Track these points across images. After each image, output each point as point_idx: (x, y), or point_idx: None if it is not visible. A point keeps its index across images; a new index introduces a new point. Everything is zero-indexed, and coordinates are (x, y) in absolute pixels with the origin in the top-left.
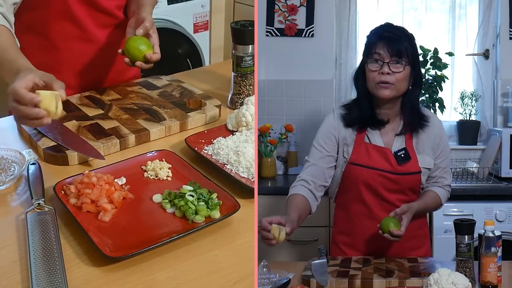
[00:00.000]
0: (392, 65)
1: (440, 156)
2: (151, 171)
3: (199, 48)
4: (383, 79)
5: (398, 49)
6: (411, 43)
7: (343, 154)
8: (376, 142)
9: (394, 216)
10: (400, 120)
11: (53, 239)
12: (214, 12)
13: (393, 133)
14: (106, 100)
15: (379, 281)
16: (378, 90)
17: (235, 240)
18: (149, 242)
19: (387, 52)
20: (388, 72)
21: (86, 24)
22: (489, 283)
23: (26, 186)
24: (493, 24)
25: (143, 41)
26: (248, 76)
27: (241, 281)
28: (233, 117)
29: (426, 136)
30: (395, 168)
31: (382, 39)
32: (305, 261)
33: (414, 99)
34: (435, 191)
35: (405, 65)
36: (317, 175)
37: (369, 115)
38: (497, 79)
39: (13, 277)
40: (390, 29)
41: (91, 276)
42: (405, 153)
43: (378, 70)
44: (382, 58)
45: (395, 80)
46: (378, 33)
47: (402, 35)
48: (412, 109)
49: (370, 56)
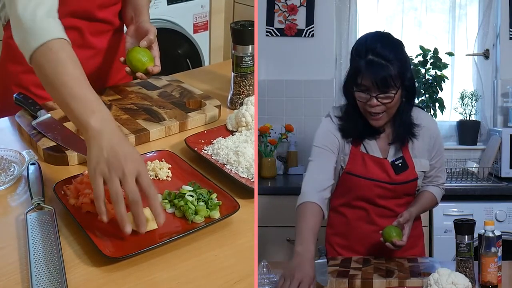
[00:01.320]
0: (380, 97)
1: (435, 156)
2: (151, 171)
3: (199, 48)
4: (373, 110)
5: (385, 80)
6: (399, 61)
7: (340, 162)
8: (373, 151)
9: (397, 225)
10: (392, 127)
11: (53, 239)
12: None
13: (388, 140)
14: (106, 100)
15: (379, 281)
16: (370, 120)
17: (235, 240)
18: (149, 242)
19: (374, 85)
20: (377, 104)
21: (84, 32)
22: (489, 283)
23: (26, 186)
24: (493, 24)
25: (146, 53)
26: (248, 76)
27: (241, 281)
28: (233, 117)
29: (421, 139)
30: (392, 179)
31: (367, 67)
32: None
33: (405, 113)
34: (431, 191)
35: (394, 94)
36: (325, 175)
37: (364, 128)
38: (497, 79)
39: (13, 277)
40: (375, 48)
41: (91, 276)
42: (402, 162)
43: (366, 102)
44: (369, 90)
45: (385, 108)
46: (362, 55)
47: (389, 55)
48: (402, 124)
49: (357, 86)
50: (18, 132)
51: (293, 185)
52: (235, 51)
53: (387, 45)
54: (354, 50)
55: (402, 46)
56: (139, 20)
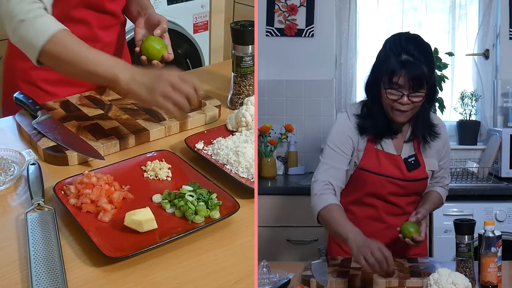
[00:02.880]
0: (411, 95)
1: (444, 157)
2: (151, 171)
3: (199, 48)
4: (401, 108)
5: (419, 79)
6: (430, 62)
7: (354, 159)
8: (388, 148)
9: (415, 221)
10: (409, 126)
11: (53, 239)
12: (214, 12)
13: (403, 139)
14: (106, 100)
15: (379, 281)
16: (394, 115)
17: (235, 240)
18: (149, 242)
19: (408, 84)
20: (408, 102)
21: (92, 26)
22: (489, 283)
23: (26, 186)
24: (493, 24)
25: (160, 42)
26: (248, 76)
27: (241, 281)
28: (233, 117)
29: (433, 141)
30: (405, 175)
31: (402, 66)
32: (305, 261)
33: (427, 113)
34: (438, 191)
35: (425, 93)
36: (339, 178)
37: (384, 126)
38: (497, 79)
39: (13, 277)
40: (409, 48)
41: (91, 276)
42: (415, 160)
43: (397, 100)
44: (402, 88)
45: (412, 107)
46: (397, 55)
47: (422, 57)
48: (424, 122)
49: (390, 84)
50: (18, 132)
51: (293, 185)
52: (235, 51)
53: (420, 46)
54: (388, 50)
55: (430, 48)
56: (147, 13)
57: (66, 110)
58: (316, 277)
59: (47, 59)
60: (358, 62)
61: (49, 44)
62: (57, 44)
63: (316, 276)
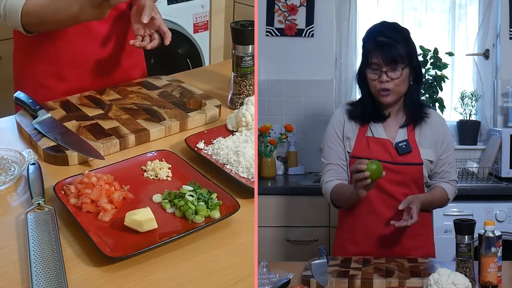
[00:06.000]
0: (389, 73)
1: (446, 151)
2: (151, 171)
3: (199, 48)
4: (383, 86)
5: (393, 56)
6: (406, 42)
7: (347, 149)
8: (379, 134)
9: (402, 209)
10: (404, 113)
11: (53, 239)
12: (214, 12)
13: (397, 126)
14: (106, 100)
15: (379, 281)
16: (380, 97)
17: (235, 240)
18: (149, 242)
19: (383, 61)
20: (387, 79)
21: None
22: (489, 283)
23: (26, 186)
24: (493, 24)
25: None
26: (248, 76)
27: (241, 281)
28: (233, 117)
29: (429, 131)
30: (395, 159)
31: (377, 46)
32: (305, 261)
33: (415, 94)
34: (442, 186)
35: (402, 70)
36: (341, 175)
37: (371, 110)
38: (497, 79)
39: (13, 277)
40: (384, 31)
41: (91, 276)
42: (406, 144)
43: (377, 79)
44: (379, 66)
45: (394, 85)
46: (372, 38)
47: (396, 37)
48: (413, 104)
49: (368, 65)
50: (18, 132)
51: (293, 185)
52: (235, 51)
53: (394, 29)
54: (365, 36)
55: (408, 32)
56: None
57: (66, 110)
58: (316, 277)
59: (31, 28)
60: (358, 62)
61: (24, 17)
62: (29, 14)
63: (316, 276)
